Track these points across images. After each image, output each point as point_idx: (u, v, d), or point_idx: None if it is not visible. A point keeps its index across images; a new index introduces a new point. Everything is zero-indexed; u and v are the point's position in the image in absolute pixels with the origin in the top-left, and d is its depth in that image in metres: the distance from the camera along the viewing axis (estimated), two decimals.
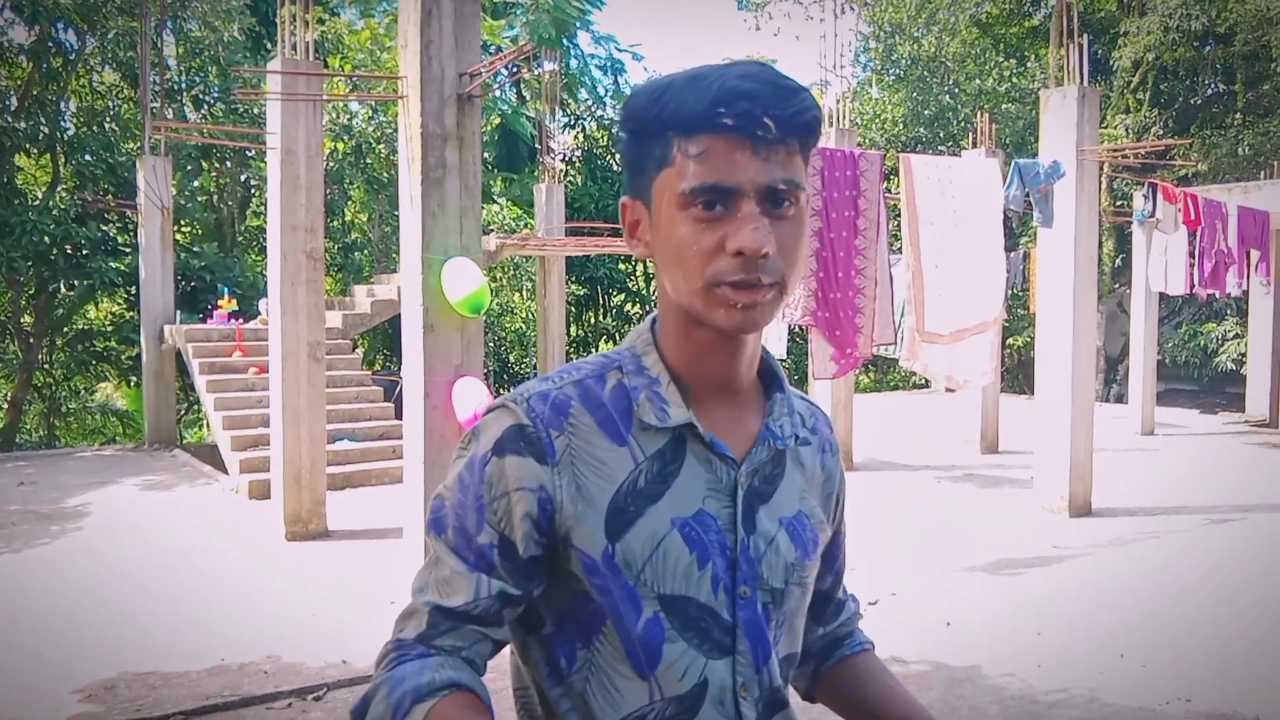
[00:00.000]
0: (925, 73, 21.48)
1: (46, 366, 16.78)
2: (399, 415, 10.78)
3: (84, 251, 14.21)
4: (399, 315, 11.46)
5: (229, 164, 17.20)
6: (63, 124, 15.73)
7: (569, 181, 19.38)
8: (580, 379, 1.06)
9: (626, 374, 1.06)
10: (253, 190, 17.82)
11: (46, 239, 13.63)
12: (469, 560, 1.02)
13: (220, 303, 12.77)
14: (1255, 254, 11.99)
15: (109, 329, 16.76)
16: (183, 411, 16.82)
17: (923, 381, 20.26)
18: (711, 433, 1.05)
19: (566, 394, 1.04)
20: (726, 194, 0.96)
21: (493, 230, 14.98)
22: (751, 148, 0.96)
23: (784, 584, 1.09)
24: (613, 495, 1.01)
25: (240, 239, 17.90)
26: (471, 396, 5.46)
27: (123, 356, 16.30)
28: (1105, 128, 18.10)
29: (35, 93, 15.09)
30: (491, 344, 18.50)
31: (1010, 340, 18.63)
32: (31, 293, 15.50)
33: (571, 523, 1.00)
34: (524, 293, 19.50)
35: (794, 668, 1.16)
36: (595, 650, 1.03)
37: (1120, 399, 17.46)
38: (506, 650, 1.12)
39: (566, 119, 20.95)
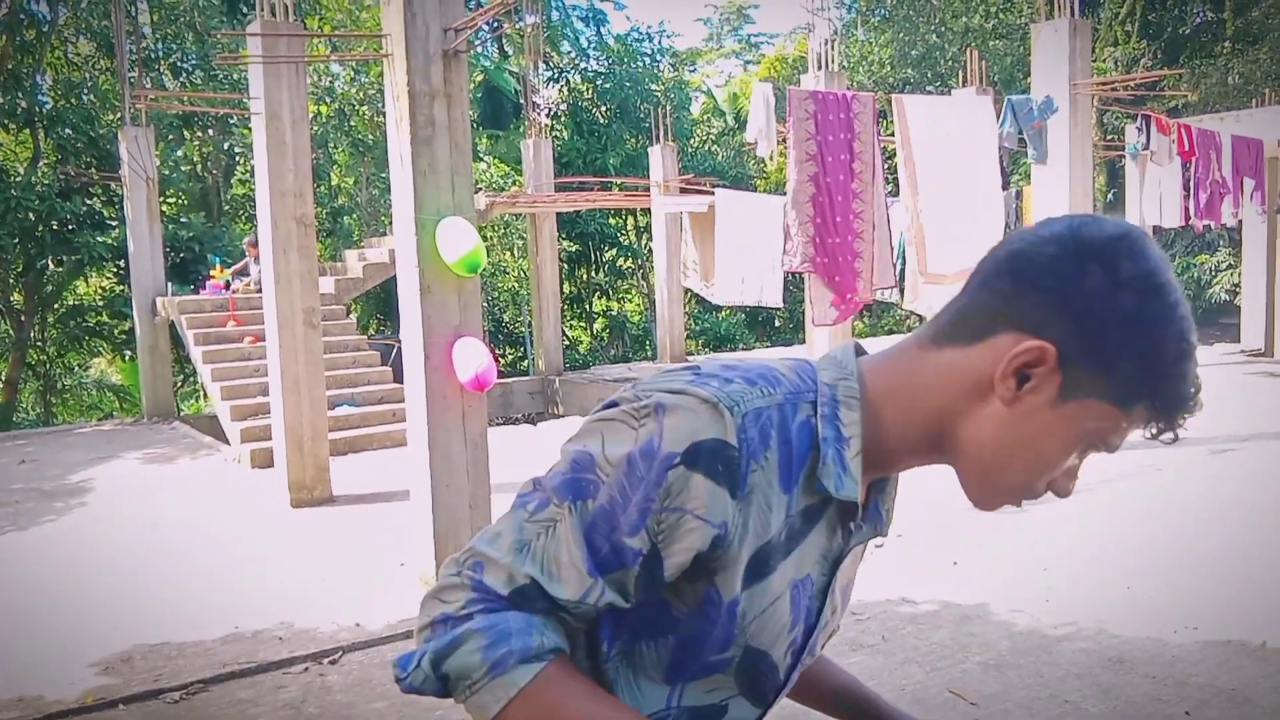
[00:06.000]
0: (911, 12, 21.22)
1: (39, 344, 16.72)
2: (397, 379, 10.76)
3: (70, 227, 14.09)
4: (392, 279, 11.42)
5: (211, 132, 17.01)
6: (40, 98, 15.53)
7: (555, 136, 19.17)
8: (781, 401, 0.93)
9: (821, 416, 0.94)
10: (236, 158, 17.63)
11: (31, 215, 13.51)
12: (599, 554, 0.90)
13: (213, 273, 12.70)
14: (1250, 182, 11.93)
15: (100, 304, 16.67)
16: (179, 384, 16.78)
17: (918, 324, 20.26)
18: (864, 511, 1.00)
19: (771, 419, 0.92)
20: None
21: (481, 189, 14.85)
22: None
23: (820, 649, 1.07)
24: (760, 546, 0.93)
25: (227, 208, 17.75)
26: (471, 357, 5.43)
27: (115, 331, 16.24)
28: (1094, 61, 17.91)
29: (10, 67, 14.86)
30: (486, 303, 18.43)
31: None
32: (19, 270, 15.40)
33: (726, 561, 0.92)
34: (515, 251, 19.39)
35: None
36: (640, 650, 0.97)
37: None
38: None
39: (550, 73, 20.69)
